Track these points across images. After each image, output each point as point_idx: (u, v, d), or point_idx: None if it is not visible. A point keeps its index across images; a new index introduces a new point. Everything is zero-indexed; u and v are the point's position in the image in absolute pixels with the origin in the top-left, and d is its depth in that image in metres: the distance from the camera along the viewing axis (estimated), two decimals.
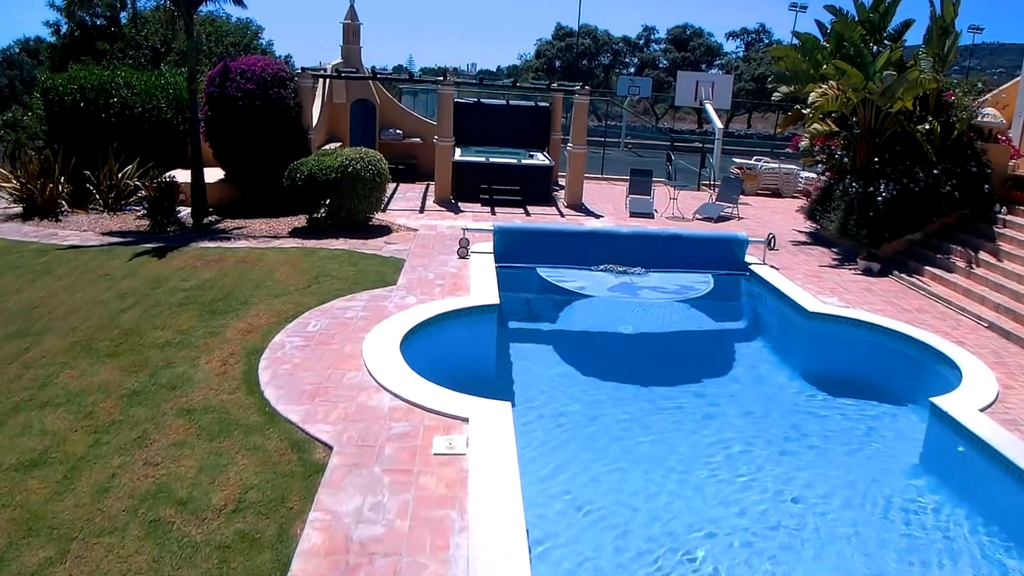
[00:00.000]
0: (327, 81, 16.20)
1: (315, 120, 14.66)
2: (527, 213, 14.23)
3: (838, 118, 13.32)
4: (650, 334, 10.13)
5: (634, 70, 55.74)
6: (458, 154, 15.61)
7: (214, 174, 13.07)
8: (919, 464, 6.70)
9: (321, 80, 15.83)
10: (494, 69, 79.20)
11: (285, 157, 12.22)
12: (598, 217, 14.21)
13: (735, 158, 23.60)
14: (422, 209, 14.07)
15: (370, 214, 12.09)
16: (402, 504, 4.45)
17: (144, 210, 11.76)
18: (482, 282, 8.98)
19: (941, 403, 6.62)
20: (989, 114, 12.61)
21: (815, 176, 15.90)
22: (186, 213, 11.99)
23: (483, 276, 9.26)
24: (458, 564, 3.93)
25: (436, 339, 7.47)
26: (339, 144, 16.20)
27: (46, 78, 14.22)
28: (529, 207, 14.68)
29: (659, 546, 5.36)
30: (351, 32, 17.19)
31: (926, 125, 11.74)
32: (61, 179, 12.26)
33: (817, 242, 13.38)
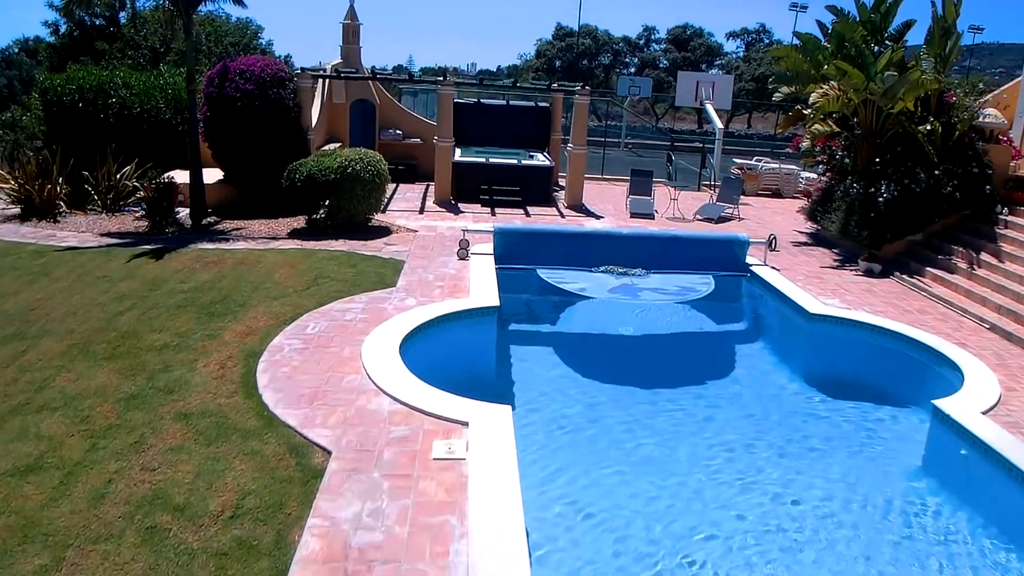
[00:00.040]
0: (326, 81, 16.16)
1: (314, 120, 14.61)
2: (527, 214, 14.19)
3: (839, 119, 13.28)
4: (651, 336, 10.08)
5: (634, 70, 55.69)
6: (458, 155, 15.56)
7: (213, 175, 13.03)
8: (921, 467, 6.67)
9: (320, 80, 15.79)
10: (494, 69, 79.16)
11: (284, 158, 12.18)
12: (598, 218, 14.17)
13: (735, 158, 23.57)
14: (422, 210, 14.03)
15: (369, 215, 12.05)
16: (401, 510, 4.41)
17: (143, 211, 11.71)
18: (482, 284, 8.94)
19: (943, 406, 6.59)
20: (990, 115, 12.58)
21: (816, 177, 15.86)
22: (185, 214, 11.95)
23: (483, 278, 9.22)
24: (458, 571, 3.89)
25: (436, 342, 7.43)
26: (339, 144, 16.15)
27: (44, 78, 14.17)
28: (529, 208, 14.64)
29: (659, 549, 5.33)
30: (351, 32, 17.15)
31: (927, 126, 11.70)
32: (59, 180, 12.21)
33: (818, 243, 13.34)
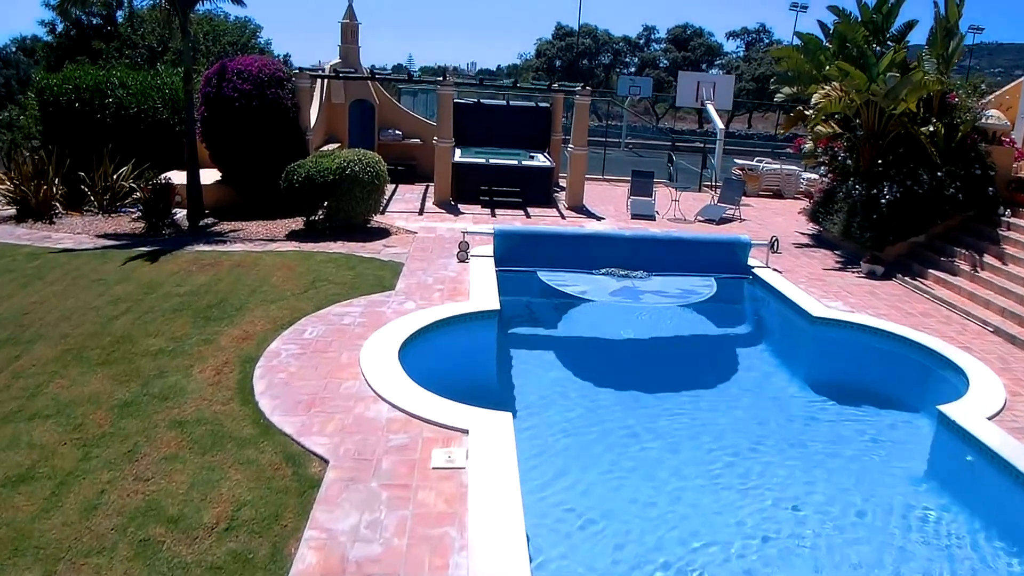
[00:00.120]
0: (325, 81, 16.06)
1: (313, 121, 14.52)
2: (527, 215, 14.10)
3: (841, 120, 13.19)
4: (652, 339, 9.99)
5: (634, 70, 55.54)
6: (458, 155, 15.46)
7: (210, 175, 12.94)
8: (926, 473, 6.60)
9: (319, 80, 15.69)
10: (494, 68, 79.06)
11: (283, 158, 12.09)
12: (599, 219, 14.08)
13: (736, 159, 23.50)
14: (421, 211, 13.93)
15: (368, 216, 11.96)
16: (400, 521, 4.32)
17: (139, 212, 11.62)
18: (482, 287, 8.85)
19: (948, 411, 6.53)
20: (993, 116, 12.49)
21: (817, 177, 15.78)
22: (182, 215, 11.85)
23: (483, 280, 9.13)
24: None
25: (435, 346, 7.34)
26: (337, 145, 16.06)
27: (41, 78, 14.04)
28: (530, 209, 14.55)
29: (660, 556, 5.27)
30: (349, 32, 17.06)
31: (930, 127, 11.61)
32: (55, 180, 12.11)
33: (820, 244, 13.27)
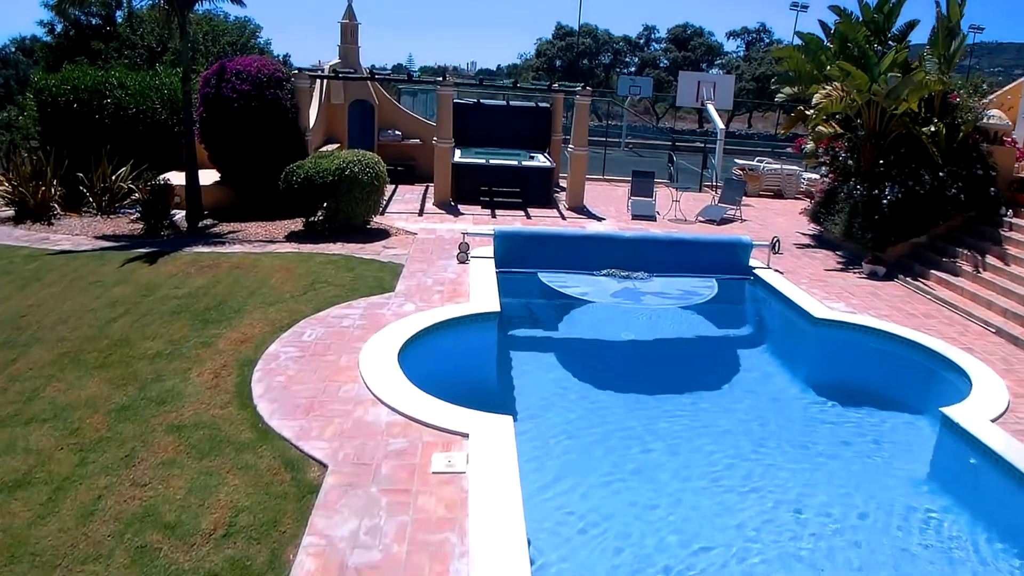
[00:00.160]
0: (325, 81, 16.01)
1: (312, 121, 14.47)
2: (528, 216, 14.05)
3: (842, 120, 13.15)
4: (653, 341, 9.94)
5: (634, 69, 55.47)
6: (458, 156, 15.41)
7: (209, 176, 12.89)
8: (929, 476, 6.55)
9: (318, 80, 15.64)
10: (494, 68, 79.04)
11: (282, 159, 12.03)
12: (600, 220, 14.03)
13: (736, 158, 23.45)
14: (421, 212, 13.88)
15: (368, 217, 11.91)
16: (400, 527, 4.28)
17: (138, 213, 11.57)
18: (482, 288, 8.80)
19: (952, 413, 6.48)
20: (994, 116, 12.44)
21: (818, 178, 15.73)
22: (180, 216, 11.80)
23: (483, 282, 9.08)
24: None
25: (435, 348, 7.29)
26: (337, 146, 16.02)
27: (39, 78, 13.99)
28: (530, 209, 14.50)
29: (660, 560, 5.23)
30: (349, 32, 17.01)
31: (931, 127, 11.57)
32: (53, 181, 12.05)
33: (821, 245, 13.22)
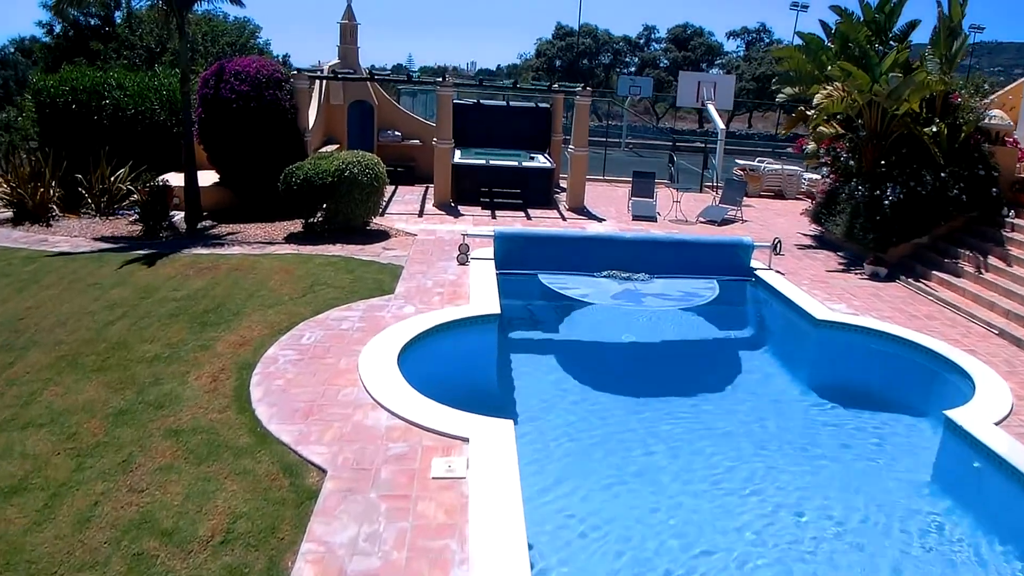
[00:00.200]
0: (324, 82, 15.96)
1: (312, 122, 14.42)
2: (528, 217, 14.00)
3: (843, 120, 13.10)
4: (655, 343, 9.90)
5: (634, 69, 55.41)
6: (457, 156, 15.36)
7: (208, 177, 12.85)
8: (932, 479, 6.51)
9: (318, 81, 15.59)
10: (494, 68, 78.98)
11: (281, 160, 11.99)
12: (600, 221, 13.98)
13: (737, 159, 23.40)
14: (421, 213, 13.84)
15: (368, 219, 11.86)
16: (399, 533, 4.23)
17: (136, 215, 11.52)
18: (482, 290, 8.76)
19: (955, 416, 6.44)
20: (996, 116, 12.40)
21: (819, 178, 15.68)
22: (179, 217, 11.76)
23: (483, 284, 9.04)
24: None
25: (435, 351, 7.25)
26: (336, 146, 15.98)
27: (37, 79, 13.95)
28: (530, 210, 14.45)
29: (662, 563, 5.20)
30: (348, 32, 16.97)
31: (933, 127, 11.52)
32: (52, 183, 12.02)
33: (822, 245, 13.17)
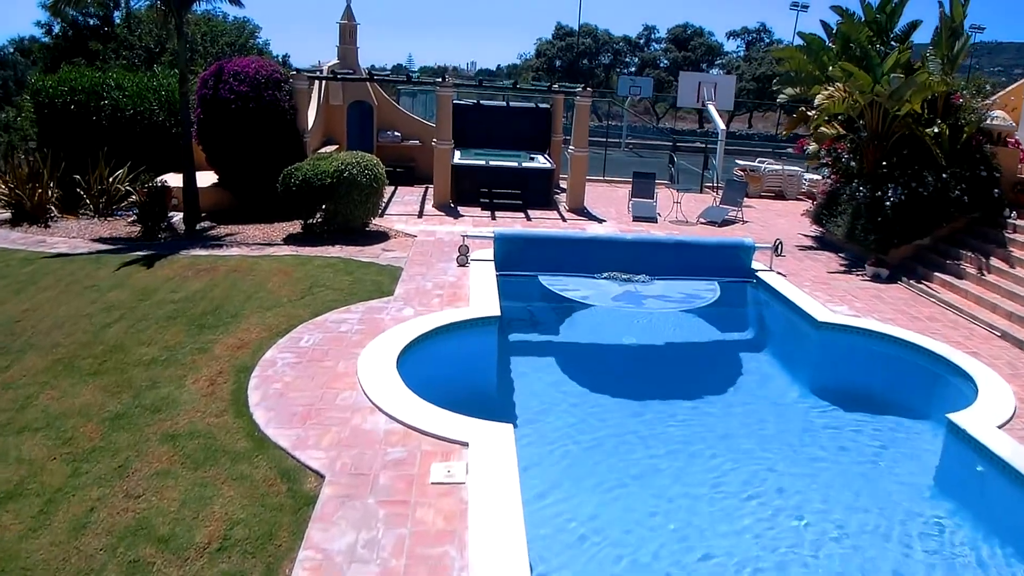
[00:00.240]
0: (323, 82, 15.91)
1: (311, 123, 14.37)
2: (528, 218, 13.95)
3: (844, 121, 13.05)
4: (655, 345, 9.85)
5: (635, 70, 55.36)
6: (457, 157, 15.31)
7: (207, 178, 12.80)
8: (935, 483, 6.47)
9: (317, 81, 15.54)
10: (493, 68, 78.96)
11: (280, 161, 11.94)
12: (600, 222, 13.93)
13: (737, 159, 23.36)
14: (420, 214, 13.79)
15: (367, 220, 11.81)
16: (398, 540, 4.18)
17: (135, 216, 11.47)
18: (482, 292, 8.71)
19: (958, 420, 6.40)
20: (998, 117, 12.35)
21: (819, 178, 15.63)
22: (178, 219, 11.71)
23: (483, 285, 8.99)
24: None
25: (434, 354, 7.20)
26: (336, 147, 15.93)
27: (36, 80, 13.91)
28: (530, 211, 14.41)
29: (662, 567, 5.16)
30: (348, 32, 16.92)
31: (935, 128, 11.47)
32: (50, 184, 11.97)
33: (824, 247, 13.12)
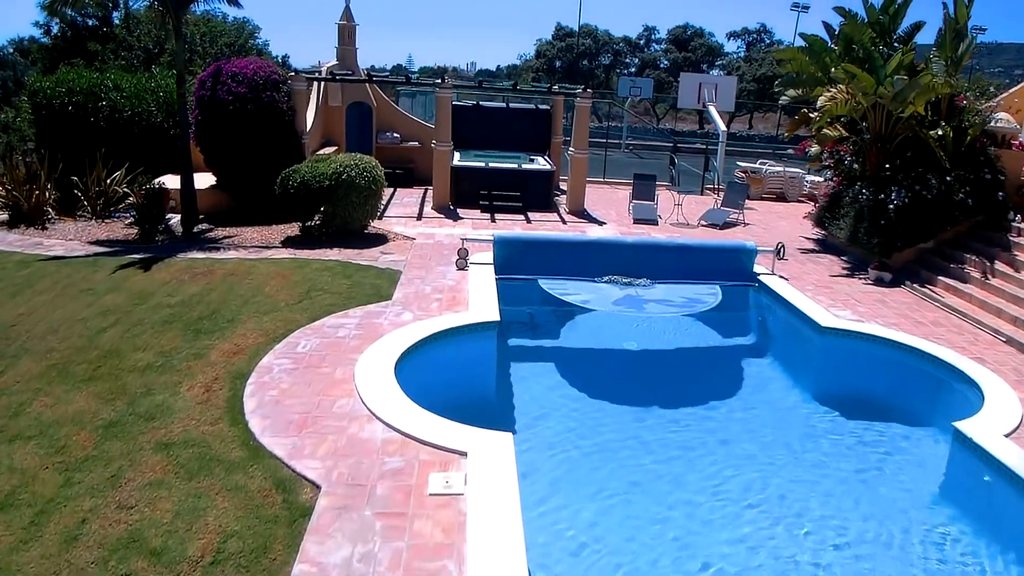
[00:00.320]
0: (322, 84, 15.83)
1: (310, 124, 14.29)
2: (528, 220, 13.86)
3: (847, 123, 12.96)
4: (657, 351, 9.75)
5: (635, 70, 55.27)
6: (457, 159, 15.22)
7: (205, 180, 12.71)
8: (941, 492, 6.38)
9: (316, 83, 15.45)
10: (493, 69, 78.85)
11: (278, 162, 11.85)
12: (601, 224, 13.84)
13: (738, 160, 23.27)
14: (420, 216, 13.71)
15: (365, 222, 11.72)
16: (395, 554, 4.10)
17: (133, 217, 11.39)
18: (482, 296, 8.62)
19: (965, 428, 6.31)
20: (1002, 119, 12.27)
21: (821, 180, 15.54)
22: (176, 221, 11.62)
23: (483, 289, 8.90)
24: None
25: (432, 360, 7.10)
26: (335, 148, 15.85)
27: (33, 80, 13.84)
28: (530, 213, 14.31)
29: None
30: (346, 33, 16.83)
31: (938, 130, 11.38)
32: (48, 185, 11.89)
33: (826, 250, 13.03)
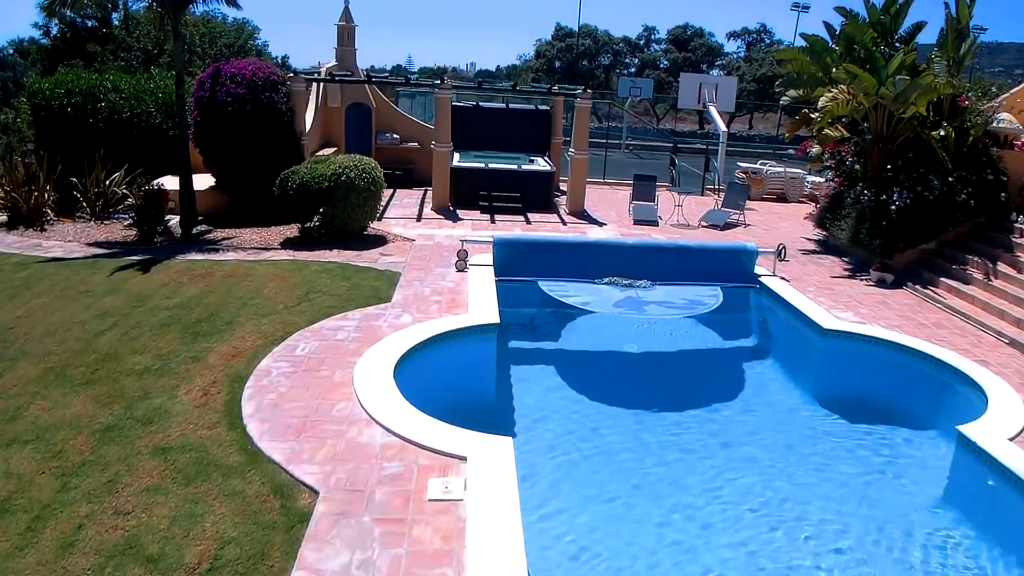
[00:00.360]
0: (321, 84, 15.79)
1: (309, 125, 14.24)
2: (528, 221, 13.82)
3: (848, 123, 12.91)
4: (658, 353, 9.70)
5: (634, 70, 55.22)
6: (456, 159, 15.18)
7: (204, 181, 12.68)
8: (944, 497, 6.33)
9: (315, 83, 15.42)
10: (493, 69, 78.80)
11: (277, 163, 11.82)
12: (601, 225, 13.80)
13: (738, 161, 23.22)
14: (419, 217, 13.67)
15: (365, 223, 11.68)
16: (393, 560, 4.06)
17: (132, 219, 11.35)
18: (481, 298, 8.58)
19: (968, 432, 6.25)
20: (1004, 119, 12.22)
21: (822, 181, 15.49)
22: (175, 222, 11.58)
23: (482, 291, 8.86)
24: None
25: (432, 363, 7.06)
26: (334, 150, 15.81)
27: (32, 82, 13.82)
28: (530, 214, 14.27)
29: None
30: (346, 34, 16.79)
31: (940, 131, 11.34)
32: (47, 187, 11.87)
33: (827, 251, 12.98)
